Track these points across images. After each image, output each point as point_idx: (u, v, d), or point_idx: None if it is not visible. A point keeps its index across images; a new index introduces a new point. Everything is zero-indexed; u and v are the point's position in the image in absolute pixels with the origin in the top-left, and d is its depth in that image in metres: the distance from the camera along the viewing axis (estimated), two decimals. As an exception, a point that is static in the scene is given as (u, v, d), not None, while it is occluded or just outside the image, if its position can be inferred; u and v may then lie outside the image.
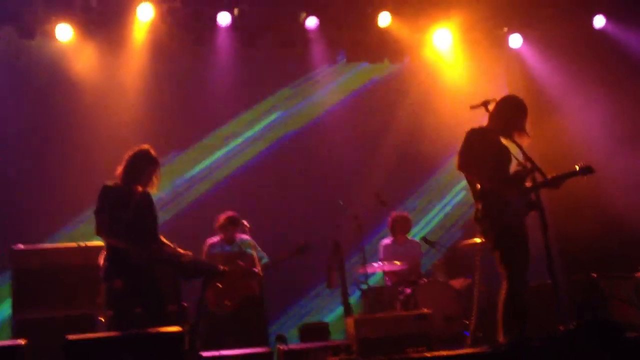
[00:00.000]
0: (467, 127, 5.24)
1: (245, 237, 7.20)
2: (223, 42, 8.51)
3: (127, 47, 8.26)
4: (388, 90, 9.55)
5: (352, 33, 9.04)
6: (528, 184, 5.06)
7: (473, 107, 5.28)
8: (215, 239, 7.49)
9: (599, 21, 9.09)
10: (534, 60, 9.54)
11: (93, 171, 6.81)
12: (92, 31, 8.13)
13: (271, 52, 8.84)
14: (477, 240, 6.99)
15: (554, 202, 5.00)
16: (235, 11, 8.35)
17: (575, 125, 8.58)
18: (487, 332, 5.95)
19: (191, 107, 8.77)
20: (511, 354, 3.35)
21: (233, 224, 7.36)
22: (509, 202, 4.95)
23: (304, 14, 8.64)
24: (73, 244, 6.45)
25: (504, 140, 5.12)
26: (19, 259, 6.25)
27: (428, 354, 4.01)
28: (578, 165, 5.05)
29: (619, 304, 6.03)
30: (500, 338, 4.85)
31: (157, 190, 5.55)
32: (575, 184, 5.14)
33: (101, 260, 5.34)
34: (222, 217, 7.45)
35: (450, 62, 9.40)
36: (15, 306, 6.15)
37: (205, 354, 5.77)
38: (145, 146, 5.53)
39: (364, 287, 7.42)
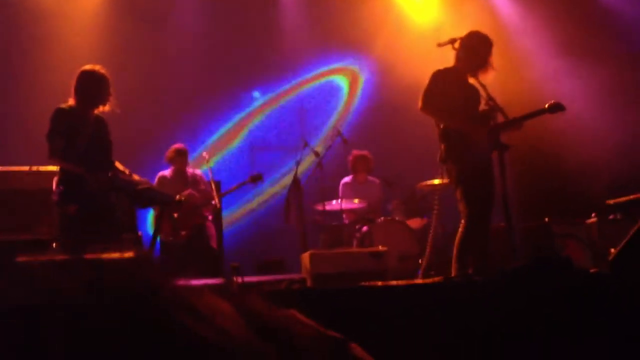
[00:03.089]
0: (435, 67, 5.19)
1: (198, 172, 7.17)
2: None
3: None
4: (357, 29, 9.38)
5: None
6: (493, 123, 5.05)
7: (440, 45, 5.25)
8: (166, 172, 7.42)
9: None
10: (508, 9, 9.44)
11: (44, 95, 6.60)
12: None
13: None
14: (437, 181, 7.05)
15: (512, 149, 4.98)
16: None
17: (543, 76, 8.56)
18: (441, 271, 6.03)
19: (154, 36, 8.51)
20: (459, 286, 3.40)
21: (181, 156, 7.30)
22: (473, 141, 4.94)
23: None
24: (25, 168, 6.27)
25: (471, 80, 5.08)
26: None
27: (379, 284, 4.03)
28: (548, 104, 4.99)
29: (570, 245, 6.15)
30: (453, 275, 4.92)
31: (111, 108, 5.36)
32: (535, 131, 5.14)
33: (54, 185, 5.21)
34: (171, 150, 7.39)
35: (419, 4, 9.27)
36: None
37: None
38: (91, 65, 5.33)
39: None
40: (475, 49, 5.12)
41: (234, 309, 0.82)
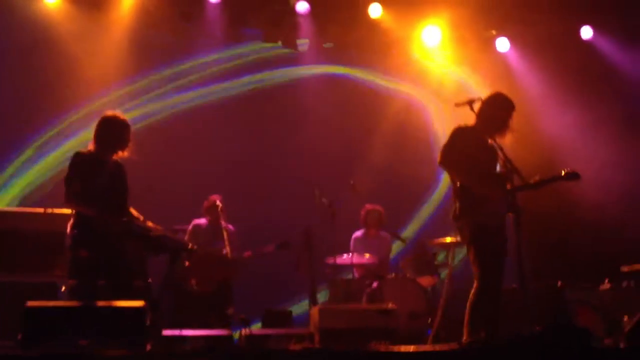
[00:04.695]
0: (451, 124, 5.22)
1: (230, 227, 7.22)
2: (210, 18, 8.38)
3: (112, 13, 8.13)
4: (373, 82, 9.52)
5: (342, 21, 8.98)
6: (509, 186, 5.04)
7: (458, 105, 5.27)
8: (202, 220, 7.45)
9: (587, 32, 9.14)
10: (520, 65, 9.57)
11: (66, 135, 6.70)
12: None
13: (257, 34, 8.76)
14: (449, 239, 7.01)
15: (527, 207, 4.98)
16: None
17: (553, 132, 8.63)
18: (452, 332, 5.95)
19: (171, 80, 8.66)
20: (471, 354, 3.34)
21: (217, 208, 7.31)
22: (487, 201, 4.93)
23: (295, -2, 8.56)
24: (40, 209, 6.31)
25: (491, 141, 5.10)
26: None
27: (388, 348, 3.98)
28: (564, 170, 5.00)
29: (583, 312, 6.08)
30: (465, 338, 4.85)
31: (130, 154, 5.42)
32: (553, 189, 5.14)
33: (68, 228, 5.23)
34: (209, 201, 7.42)
35: (437, 59, 9.39)
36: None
37: (166, 332, 5.70)
38: (112, 111, 5.41)
39: None
40: (495, 112, 5.15)
41: None
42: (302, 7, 8.56)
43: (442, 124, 5.42)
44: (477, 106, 5.19)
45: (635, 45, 8.70)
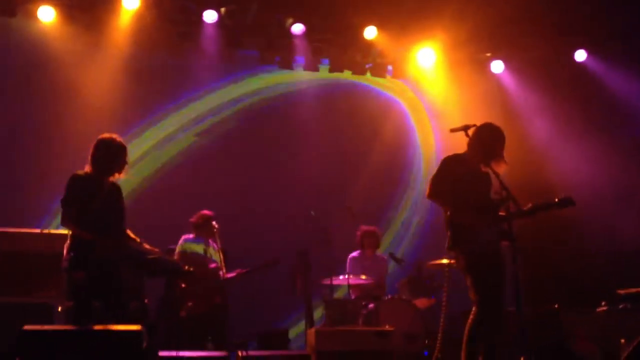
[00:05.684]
0: (445, 146, 5.25)
1: (215, 245, 7.13)
2: (207, 40, 8.42)
3: (109, 33, 8.13)
4: (367, 104, 9.57)
5: (337, 43, 9.05)
6: (502, 212, 5.05)
7: (453, 131, 5.28)
8: (190, 235, 7.40)
9: (581, 55, 9.24)
10: (514, 87, 9.65)
11: (63, 156, 6.68)
12: (74, 14, 8.01)
13: (254, 55, 8.81)
14: (445, 260, 7.02)
15: (524, 231, 5.00)
16: (222, 10, 8.30)
17: (549, 155, 8.69)
18: (450, 355, 5.95)
19: (167, 100, 8.68)
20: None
21: (209, 225, 7.21)
22: (478, 231, 4.94)
23: (290, 20, 8.62)
24: (36, 230, 6.29)
25: (484, 168, 5.11)
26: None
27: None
28: (557, 198, 5.02)
29: (580, 334, 6.09)
30: (463, 364, 4.85)
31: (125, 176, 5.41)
32: (549, 215, 5.16)
33: (65, 250, 5.21)
34: (200, 216, 7.35)
35: (432, 80, 9.46)
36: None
37: (162, 353, 5.67)
38: (109, 134, 5.40)
39: None
40: (487, 142, 5.15)
41: None
42: (297, 28, 8.63)
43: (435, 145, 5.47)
44: (471, 132, 5.20)
45: (629, 67, 8.79)
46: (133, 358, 4.54)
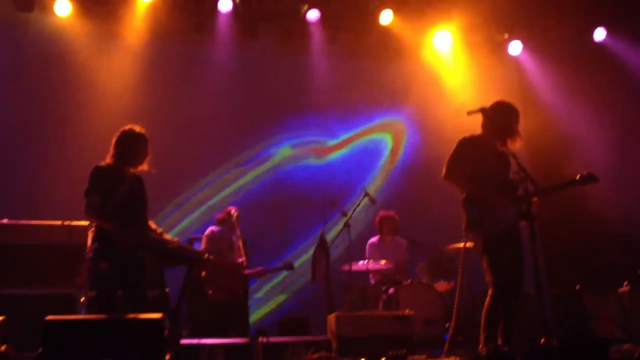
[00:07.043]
0: (465, 130, 5.21)
1: (236, 234, 7.23)
2: (223, 29, 8.43)
3: (125, 26, 8.20)
4: (387, 90, 9.52)
5: (353, 29, 9.00)
6: (521, 192, 5.01)
7: (470, 113, 5.24)
8: (215, 228, 7.48)
9: (600, 34, 9.11)
10: (533, 68, 9.54)
11: (83, 148, 6.75)
12: (90, 8, 8.07)
13: (270, 43, 8.78)
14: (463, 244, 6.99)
15: (543, 212, 4.95)
16: (237, -1, 8.31)
17: (568, 135, 8.60)
18: (468, 337, 5.94)
19: (184, 92, 8.71)
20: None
21: (231, 216, 7.31)
22: (494, 209, 4.91)
23: (305, 7, 8.59)
24: (57, 222, 6.36)
25: (501, 148, 5.07)
26: (1, 233, 6.16)
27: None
28: (579, 174, 4.91)
29: (602, 315, 6.05)
30: (481, 347, 4.84)
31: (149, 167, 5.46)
32: (568, 198, 5.11)
33: (89, 241, 5.27)
34: (226, 212, 7.43)
35: (449, 64, 9.39)
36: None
37: (184, 341, 5.73)
38: (130, 125, 5.45)
39: None
40: (501, 120, 5.12)
41: None
42: (312, 15, 8.60)
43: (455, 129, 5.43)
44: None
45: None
46: (155, 346, 4.59)
